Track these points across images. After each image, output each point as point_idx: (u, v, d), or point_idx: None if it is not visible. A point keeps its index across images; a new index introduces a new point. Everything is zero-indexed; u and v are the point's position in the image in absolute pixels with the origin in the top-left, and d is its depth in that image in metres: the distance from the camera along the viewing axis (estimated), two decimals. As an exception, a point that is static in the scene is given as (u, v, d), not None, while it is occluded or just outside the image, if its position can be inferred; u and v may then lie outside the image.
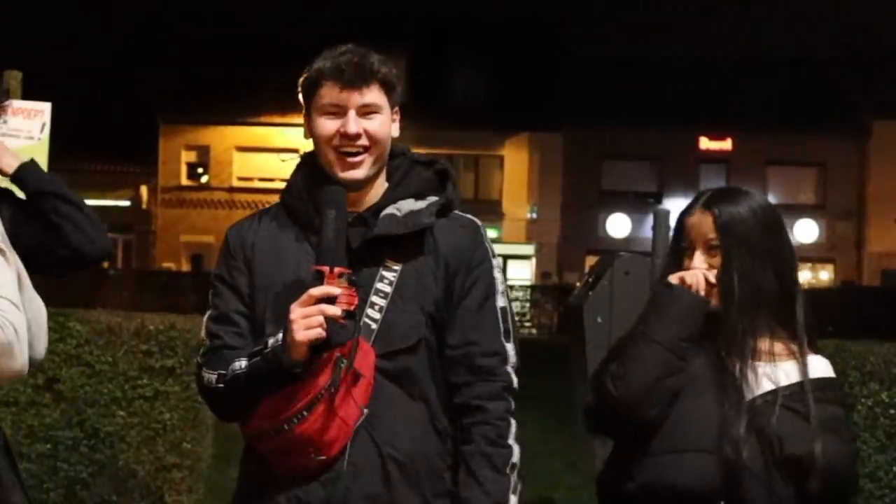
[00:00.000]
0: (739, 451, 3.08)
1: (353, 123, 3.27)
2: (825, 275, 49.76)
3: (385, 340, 3.25)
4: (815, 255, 49.55)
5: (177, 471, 7.69)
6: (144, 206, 53.24)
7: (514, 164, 50.61)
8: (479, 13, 52.26)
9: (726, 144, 49.86)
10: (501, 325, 3.39)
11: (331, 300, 3.07)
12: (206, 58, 49.65)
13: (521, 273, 48.98)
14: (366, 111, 3.29)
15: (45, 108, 5.65)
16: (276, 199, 3.55)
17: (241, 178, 50.36)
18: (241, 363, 3.24)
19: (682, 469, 3.16)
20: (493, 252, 3.47)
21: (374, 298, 3.27)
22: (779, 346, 3.27)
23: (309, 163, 3.47)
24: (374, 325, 3.24)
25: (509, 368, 3.36)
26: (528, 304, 44.17)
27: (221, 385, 3.28)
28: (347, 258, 3.15)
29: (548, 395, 15.82)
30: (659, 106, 47.21)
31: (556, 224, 50.16)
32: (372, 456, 3.22)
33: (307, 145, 3.48)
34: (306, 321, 3.08)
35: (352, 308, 3.10)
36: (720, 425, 3.13)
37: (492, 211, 48.35)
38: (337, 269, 3.08)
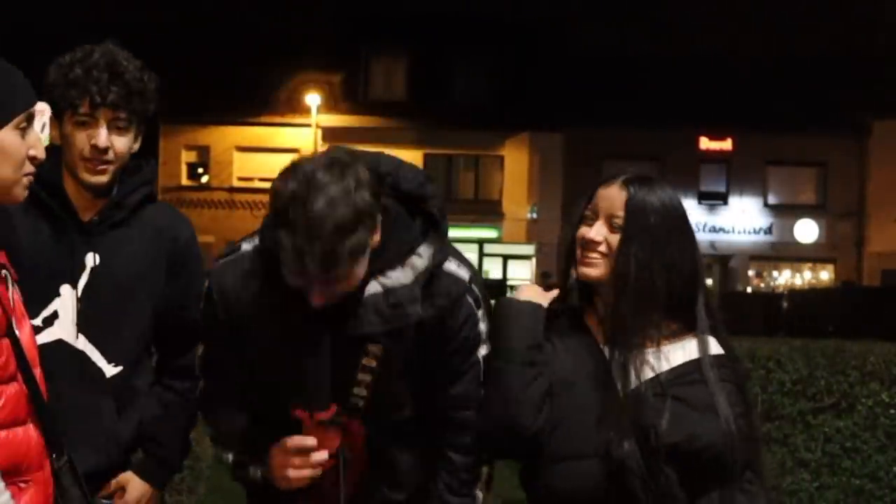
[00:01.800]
0: (618, 452, 3.09)
1: (330, 298, 3.10)
2: (825, 275, 49.72)
3: (376, 412, 3.25)
4: (815, 255, 49.52)
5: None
6: (145, 206, 53.16)
7: (515, 164, 50.54)
8: (480, 13, 52.20)
9: (726, 144, 49.75)
10: (482, 375, 3.36)
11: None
12: (205, 57, 49.60)
13: (521, 273, 48.93)
14: (344, 279, 3.08)
15: (46, 108, 5.64)
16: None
17: (241, 178, 50.25)
18: (229, 456, 3.31)
19: (568, 476, 3.18)
20: (477, 303, 3.36)
21: (360, 376, 3.23)
22: (664, 337, 3.27)
23: None
24: (361, 403, 3.22)
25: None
26: (528, 304, 44.10)
27: (214, 442, 3.39)
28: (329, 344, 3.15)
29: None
30: (659, 106, 47.13)
31: (556, 224, 49.98)
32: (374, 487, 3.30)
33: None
34: (284, 472, 3.12)
35: (333, 451, 3.11)
36: (598, 426, 3.15)
37: (492, 211, 48.31)
38: (317, 416, 3.09)
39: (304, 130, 44.33)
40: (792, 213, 49.26)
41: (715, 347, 3.31)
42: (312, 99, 44.77)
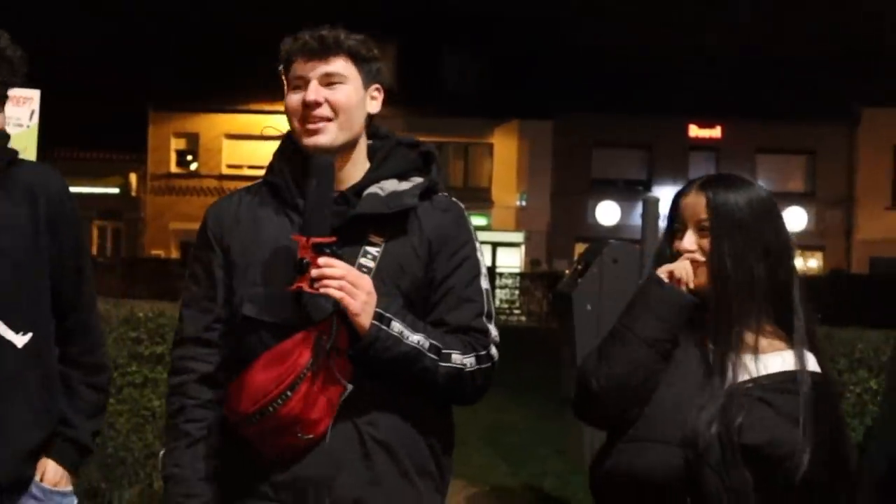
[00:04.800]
0: (698, 439, 3.06)
1: (313, 92, 3.30)
2: (814, 262, 49.80)
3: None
4: (804, 242, 49.55)
5: (166, 458, 7.69)
6: (134, 194, 53.19)
7: (504, 151, 50.57)
8: (470, 1, 52.19)
9: (716, 132, 49.85)
10: (486, 306, 3.38)
11: (302, 269, 3.07)
12: (195, 45, 49.56)
13: (511, 260, 48.98)
14: (328, 81, 3.32)
15: (35, 95, 5.63)
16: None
17: (230, 166, 50.27)
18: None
19: (642, 457, 3.14)
20: (475, 234, 3.46)
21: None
22: (763, 341, 3.23)
23: (289, 142, 3.48)
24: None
25: (489, 342, 3.36)
26: (517, 292, 44.18)
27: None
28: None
29: (536, 383, 15.87)
30: (649, 94, 47.17)
31: (545, 211, 50.15)
32: (352, 436, 3.22)
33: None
34: None
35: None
36: (687, 416, 3.11)
37: (481, 198, 48.35)
38: (312, 240, 3.07)
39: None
40: (781, 200, 47.29)
41: (812, 364, 3.26)
42: (302, 86, 44.71)
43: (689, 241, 3.27)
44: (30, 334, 3.45)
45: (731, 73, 47.78)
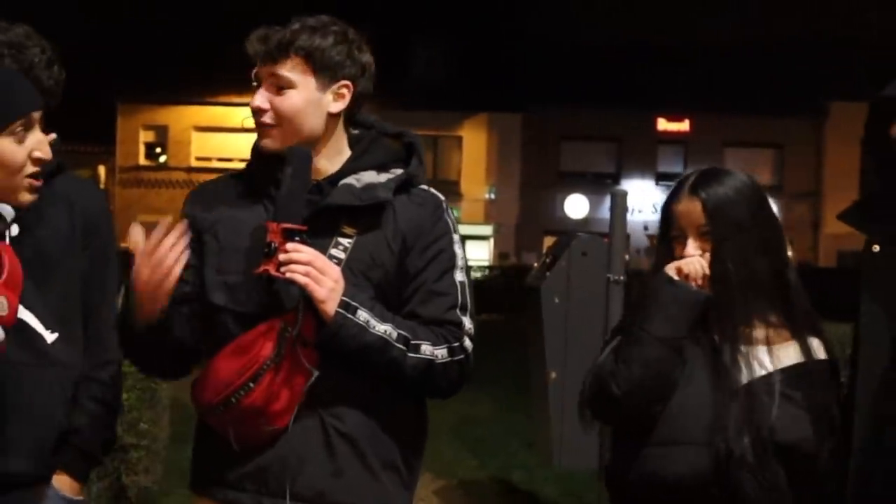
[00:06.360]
0: (730, 442, 3.09)
1: (258, 97, 3.29)
2: (782, 256, 49.99)
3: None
4: (771, 236, 49.82)
5: (134, 451, 7.65)
6: (102, 186, 52.88)
7: (473, 144, 50.59)
8: (439, -7, 52.21)
9: (684, 126, 50.01)
10: (459, 298, 3.34)
11: (270, 253, 3.07)
12: (163, 36, 49.41)
13: (479, 253, 48.98)
14: (277, 84, 3.26)
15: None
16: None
17: (199, 158, 50.13)
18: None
19: (673, 461, 3.16)
20: (454, 226, 3.42)
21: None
22: (771, 332, 3.28)
23: None
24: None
25: (463, 335, 3.31)
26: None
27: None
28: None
29: (505, 376, 15.87)
30: (617, 87, 47.30)
31: (514, 204, 50.20)
32: (315, 428, 3.20)
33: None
34: (155, 267, 3.10)
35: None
36: (712, 415, 3.15)
37: (450, 191, 48.32)
38: (283, 225, 3.07)
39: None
40: (749, 194, 49.46)
41: (819, 351, 3.37)
42: (271, 78, 44.58)
43: (693, 247, 3.29)
44: (57, 334, 3.47)
45: (699, 67, 47.92)
